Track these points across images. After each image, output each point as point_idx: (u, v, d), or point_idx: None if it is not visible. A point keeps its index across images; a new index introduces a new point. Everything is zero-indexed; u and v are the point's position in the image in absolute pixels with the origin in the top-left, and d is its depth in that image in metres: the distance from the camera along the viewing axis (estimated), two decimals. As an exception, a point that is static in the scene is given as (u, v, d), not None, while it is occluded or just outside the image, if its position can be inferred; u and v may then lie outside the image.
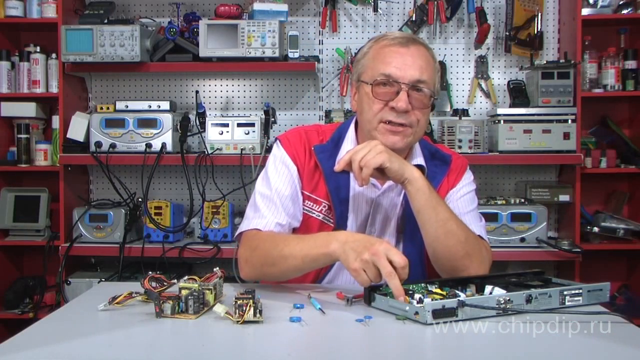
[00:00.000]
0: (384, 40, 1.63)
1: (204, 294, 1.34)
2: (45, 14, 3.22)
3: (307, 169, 1.68)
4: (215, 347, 1.18)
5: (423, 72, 1.58)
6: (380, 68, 1.59)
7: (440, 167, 1.73)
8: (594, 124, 3.32)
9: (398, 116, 1.58)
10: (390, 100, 1.58)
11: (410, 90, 1.57)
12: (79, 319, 1.34)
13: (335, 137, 1.72)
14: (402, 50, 1.59)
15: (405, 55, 1.59)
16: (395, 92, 1.57)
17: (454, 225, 1.55)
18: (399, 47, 1.60)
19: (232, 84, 3.45)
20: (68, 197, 3.18)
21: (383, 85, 1.58)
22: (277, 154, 1.72)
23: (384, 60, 1.60)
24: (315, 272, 1.68)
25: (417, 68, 1.58)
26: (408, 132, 1.60)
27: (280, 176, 1.68)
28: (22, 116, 3.31)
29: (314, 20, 3.39)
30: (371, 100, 1.60)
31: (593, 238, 3.13)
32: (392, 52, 1.60)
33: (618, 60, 3.15)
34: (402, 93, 1.56)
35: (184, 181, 3.17)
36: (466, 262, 1.56)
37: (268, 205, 1.65)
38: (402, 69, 1.57)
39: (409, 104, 1.56)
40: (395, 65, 1.58)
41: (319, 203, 1.67)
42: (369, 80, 1.61)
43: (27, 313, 3.15)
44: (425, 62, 1.60)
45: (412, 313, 1.26)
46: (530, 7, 3.24)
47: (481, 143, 3.10)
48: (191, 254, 3.00)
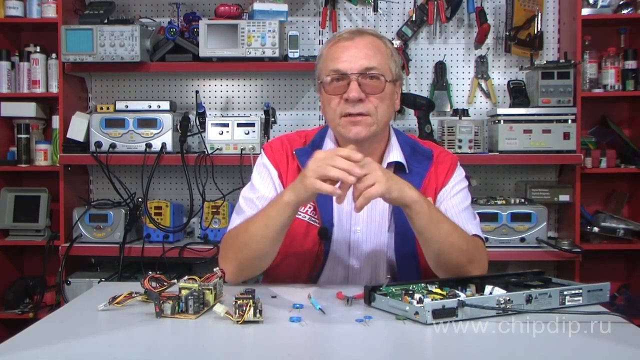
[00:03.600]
0: (332, 40, 1.69)
1: (204, 294, 1.34)
2: (45, 14, 3.22)
3: (289, 173, 1.71)
4: (215, 347, 1.18)
5: (371, 59, 1.62)
6: (330, 66, 1.64)
7: (422, 162, 1.72)
8: (594, 124, 3.32)
9: (354, 106, 1.60)
10: (344, 93, 1.61)
11: (362, 78, 1.61)
12: (79, 319, 1.34)
13: (316, 139, 1.76)
14: (347, 43, 1.64)
15: (351, 47, 1.63)
16: (346, 84, 1.61)
17: (456, 237, 1.54)
18: (344, 41, 1.65)
19: (232, 84, 3.45)
20: (68, 197, 3.18)
21: (336, 80, 1.63)
22: (259, 161, 1.78)
23: (332, 57, 1.64)
24: (308, 272, 1.69)
25: (364, 57, 1.62)
26: (369, 121, 1.62)
27: (263, 180, 1.73)
28: (22, 116, 3.31)
29: (314, 20, 3.39)
30: (329, 98, 1.64)
31: (593, 238, 3.13)
32: (339, 48, 1.64)
33: (618, 60, 3.15)
34: (352, 83, 1.60)
35: (184, 181, 3.17)
36: (469, 268, 1.56)
37: (251, 207, 1.69)
38: (349, 61, 1.61)
39: (361, 93, 1.60)
40: (343, 59, 1.62)
41: (304, 205, 1.67)
42: (322, 80, 1.65)
43: (27, 313, 3.15)
44: (372, 49, 1.63)
45: (412, 313, 1.26)
46: (530, 7, 3.24)
47: (481, 143, 3.10)
48: (191, 254, 3.00)
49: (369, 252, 1.69)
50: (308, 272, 1.69)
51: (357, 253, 1.69)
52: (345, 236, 1.69)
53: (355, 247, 1.69)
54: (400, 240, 1.66)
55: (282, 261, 1.68)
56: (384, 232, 1.69)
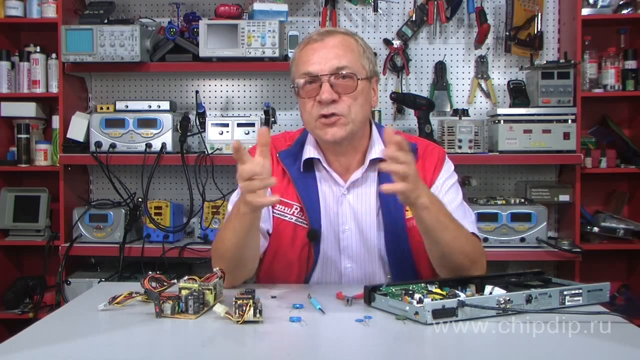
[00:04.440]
0: (302, 42, 1.68)
1: (204, 294, 1.34)
2: (45, 14, 3.22)
3: (274, 175, 1.66)
4: (215, 347, 1.18)
5: (341, 59, 1.60)
6: (301, 69, 1.63)
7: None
8: (594, 124, 3.32)
9: (327, 108, 1.59)
10: (317, 95, 1.60)
11: (334, 79, 1.59)
12: (79, 319, 1.34)
13: (299, 140, 1.75)
14: (317, 45, 1.62)
15: (320, 49, 1.62)
16: (319, 86, 1.60)
17: (462, 241, 1.53)
18: (313, 43, 1.63)
19: (232, 84, 3.45)
20: (68, 197, 3.18)
21: (308, 83, 1.61)
22: None
23: (303, 60, 1.63)
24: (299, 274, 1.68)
25: (334, 56, 1.60)
26: (343, 121, 1.60)
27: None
28: (22, 116, 3.30)
29: (314, 20, 3.39)
30: (303, 102, 1.63)
31: (593, 238, 3.13)
32: (309, 50, 1.63)
33: (618, 60, 3.15)
34: (324, 84, 1.59)
35: (184, 181, 3.17)
36: (471, 269, 1.56)
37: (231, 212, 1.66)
38: (319, 63, 1.60)
39: (333, 93, 1.58)
40: (313, 61, 1.61)
41: (290, 206, 1.67)
42: (296, 85, 1.64)
43: (27, 313, 3.15)
44: (342, 48, 1.62)
45: (412, 313, 1.26)
46: (530, 7, 3.24)
47: (481, 143, 3.10)
48: (191, 254, 3.00)
49: (360, 251, 1.68)
50: (299, 274, 1.68)
51: (349, 252, 1.68)
52: (335, 236, 1.68)
53: (345, 246, 1.68)
54: (391, 238, 1.65)
55: (271, 264, 1.69)
56: (374, 231, 1.67)
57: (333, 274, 1.70)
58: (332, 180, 1.70)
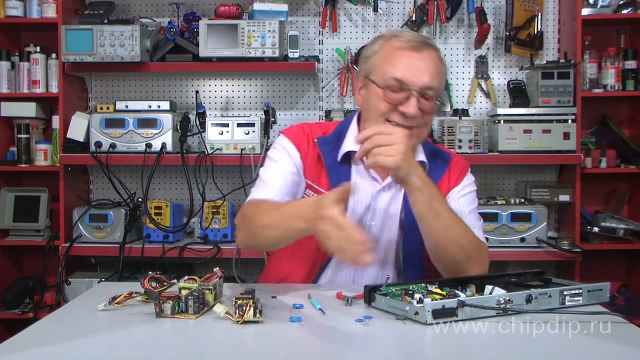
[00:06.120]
0: (395, 41, 1.62)
1: (204, 294, 1.34)
2: (45, 14, 3.22)
3: (309, 158, 1.70)
4: (215, 347, 1.18)
5: (433, 79, 1.59)
6: (391, 71, 1.59)
7: (440, 164, 1.74)
8: (594, 124, 3.32)
9: (406, 120, 1.59)
10: (400, 104, 1.58)
11: (420, 96, 1.58)
12: (79, 319, 1.34)
13: (337, 131, 1.74)
14: (414, 54, 1.59)
15: (417, 60, 1.59)
16: (405, 97, 1.58)
17: (456, 231, 1.55)
18: (411, 51, 1.59)
19: (232, 84, 3.45)
20: (68, 197, 3.18)
21: (394, 90, 1.58)
22: (279, 142, 1.75)
23: (396, 63, 1.59)
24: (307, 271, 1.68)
25: (428, 74, 1.58)
26: (414, 133, 1.61)
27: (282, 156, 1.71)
28: (22, 116, 3.30)
29: (314, 20, 3.39)
30: (380, 102, 1.60)
31: (593, 238, 3.13)
32: (404, 56, 1.59)
33: (618, 60, 3.15)
34: (413, 99, 1.57)
35: (184, 181, 3.17)
36: (466, 265, 1.56)
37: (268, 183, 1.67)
38: (414, 74, 1.57)
39: (418, 110, 1.57)
40: (407, 69, 1.58)
41: (319, 193, 1.67)
42: (379, 81, 1.60)
43: (27, 313, 3.15)
44: (435, 68, 1.60)
45: (412, 313, 1.26)
46: (530, 7, 3.24)
47: (481, 143, 3.10)
48: (191, 254, 3.00)
49: (379, 249, 1.69)
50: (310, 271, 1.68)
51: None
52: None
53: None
54: (410, 236, 1.66)
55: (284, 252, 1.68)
56: (396, 230, 1.69)
57: (345, 272, 1.69)
58: (369, 176, 1.69)
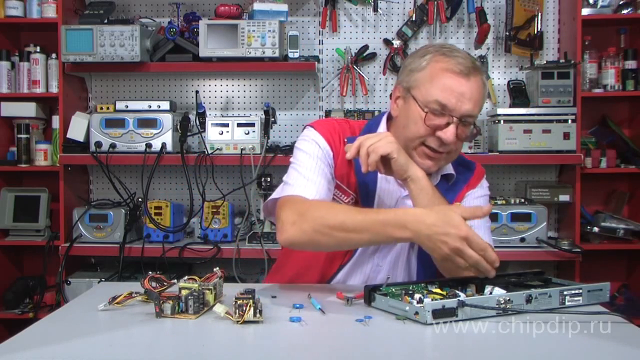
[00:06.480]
0: (444, 62, 1.56)
1: (204, 294, 1.34)
2: (45, 14, 3.22)
3: (341, 156, 1.65)
4: (215, 347, 1.18)
5: (475, 107, 1.56)
6: (436, 94, 1.54)
7: (464, 173, 1.74)
8: (594, 124, 3.32)
9: (441, 146, 1.56)
10: (438, 129, 1.55)
11: (460, 123, 1.55)
12: (79, 319, 1.34)
13: (365, 131, 1.69)
14: (463, 81, 1.54)
15: (464, 87, 1.54)
16: (445, 122, 1.54)
17: None
18: (460, 77, 1.54)
19: (232, 84, 3.45)
20: (68, 197, 3.18)
21: (435, 114, 1.54)
22: (309, 134, 1.67)
23: (443, 87, 1.54)
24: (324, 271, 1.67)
25: (473, 102, 1.55)
26: (443, 157, 1.60)
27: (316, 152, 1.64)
28: (22, 116, 3.31)
29: (314, 20, 3.39)
30: (420, 125, 1.56)
31: (593, 238, 3.13)
32: (453, 81, 1.54)
33: (618, 60, 3.15)
34: (452, 126, 1.54)
35: (184, 181, 3.17)
36: None
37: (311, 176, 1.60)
38: (458, 100, 1.53)
39: (455, 137, 1.55)
40: (453, 96, 1.53)
41: (347, 194, 1.66)
42: (422, 101, 1.55)
43: (27, 313, 3.15)
44: (479, 94, 1.57)
45: (412, 313, 1.26)
46: (530, 7, 3.24)
47: (481, 143, 3.10)
48: (191, 254, 3.00)
49: (395, 251, 1.68)
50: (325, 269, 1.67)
51: (385, 252, 1.67)
52: None
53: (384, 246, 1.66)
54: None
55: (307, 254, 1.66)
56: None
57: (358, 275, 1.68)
58: (395, 181, 1.66)
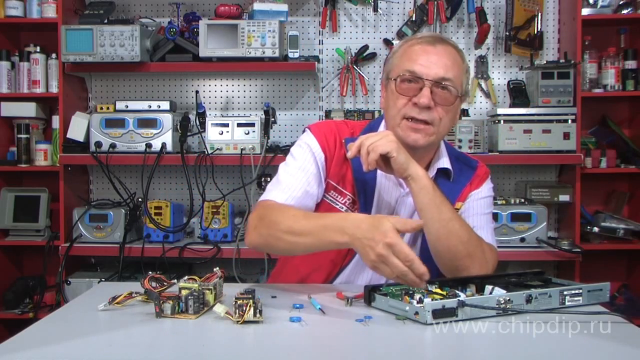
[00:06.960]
0: (412, 40, 1.66)
1: (204, 294, 1.34)
2: (45, 14, 3.22)
3: (335, 159, 1.68)
4: (215, 347, 1.18)
5: (448, 70, 1.59)
6: (406, 65, 1.61)
7: (465, 170, 1.74)
8: (594, 124, 3.32)
9: (420, 112, 1.58)
10: (414, 96, 1.58)
11: (434, 87, 1.58)
12: (79, 319, 1.34)
13: (366, 131, 1.70)
14: (429, 48, 1.61)
15: (431, 53, 1.60)
16: (419, 88, 1.58)
17: (457, 225, 1.55)
18: (426, 45, 1.61)
19: (232, 84, 3.45)
20: (68, 197, 3.18)
21: (408, 81, 1.60)
22: (305, 138, 1.71)
23: (410, 57, 1.61)
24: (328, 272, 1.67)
25: (442, 66, 1.59)
26: (430, 131, 1.60)
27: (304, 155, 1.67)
28: (22, 116, 3.31)
29: (314, 20, 3.39)
30: (395, 96, 1.61)
31: (593, 238, 3.13)
32: (419, 50, 1.61)
33: (618, 60, 3.15)
34: (425, 89, 1.57)
35: (184, 181, 3.17)
36: (467, 262, 1.55)
37: (290, 176, 1.64)
38: (427, 66, 1.58)
39: (431, 100, 1.57)
40: (421, 62, 1.59)
41: (343, 195, 1.66)
42: (394, 77, 1.62)
43: (27, 313, 3.15)
44: (451, 61, 1.61)
45: (412, 313, 1.26)
46: (530, 7, 3.24)
47: (481, 143, 3.10)
48: (191, 254, 3.00)
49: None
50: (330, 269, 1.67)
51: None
52: None
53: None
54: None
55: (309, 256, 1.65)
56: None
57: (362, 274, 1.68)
58: (394, 181, 1.67)
